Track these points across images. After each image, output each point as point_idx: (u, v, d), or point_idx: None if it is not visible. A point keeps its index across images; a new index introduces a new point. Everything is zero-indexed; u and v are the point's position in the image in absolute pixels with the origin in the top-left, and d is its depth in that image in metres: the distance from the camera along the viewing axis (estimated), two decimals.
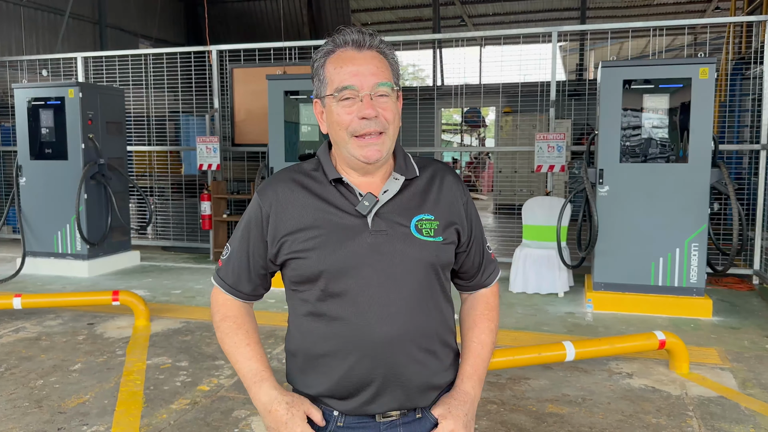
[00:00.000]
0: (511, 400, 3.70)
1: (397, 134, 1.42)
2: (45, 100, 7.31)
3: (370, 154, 1.37)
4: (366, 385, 1.38)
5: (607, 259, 5.65)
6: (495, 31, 9.33)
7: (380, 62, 1.39)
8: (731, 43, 10.31)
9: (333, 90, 1.37)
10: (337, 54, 1.39)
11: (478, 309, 1.59)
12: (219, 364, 4.29)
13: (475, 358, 1.52)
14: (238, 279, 1.51)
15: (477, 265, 1.57)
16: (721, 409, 3.57)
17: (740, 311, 5.63)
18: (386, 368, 1.37)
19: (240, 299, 1.53)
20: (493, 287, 1.63)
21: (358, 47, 1.38)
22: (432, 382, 1.44)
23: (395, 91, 1.40)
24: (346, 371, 1.38)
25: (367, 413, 1.41)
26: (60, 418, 3.46)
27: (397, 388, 1.39)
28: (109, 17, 14.79)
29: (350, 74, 1.36)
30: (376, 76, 1.36)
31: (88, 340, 4.85)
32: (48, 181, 7.35)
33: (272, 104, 6.77)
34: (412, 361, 1.39)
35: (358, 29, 1.39)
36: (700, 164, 5.36)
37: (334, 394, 1.41)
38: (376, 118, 1.36)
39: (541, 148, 7.06)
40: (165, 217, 9.35)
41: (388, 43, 1.43)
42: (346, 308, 1.37)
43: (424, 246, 1.40)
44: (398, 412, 1.42)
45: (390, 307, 1.37)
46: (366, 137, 1.36)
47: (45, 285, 6.82)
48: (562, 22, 19.81)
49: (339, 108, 1.37)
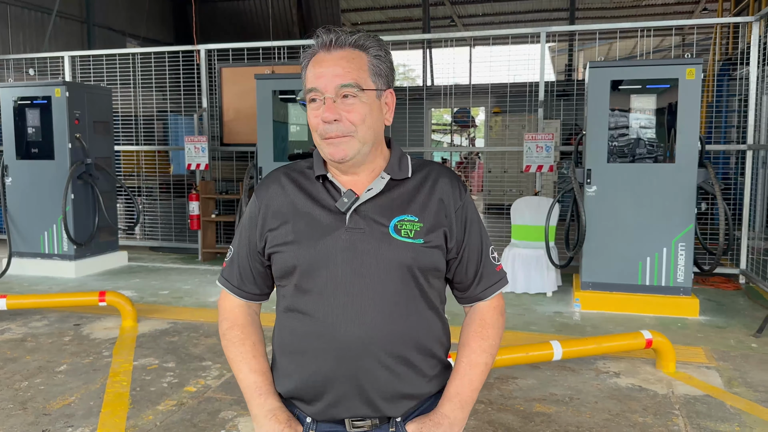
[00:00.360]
0: (499, 399, 3.70)
1: (373, 136, 1.39)
2: (31, 100, 7.24)
3: (334, 153, 1.36)
4: (328, 387, 1.36)
5: (594, 259, 5.67)
6: (484, 32, 9.35)
7: (350, 62, 1.35)
8: (718, 44, 10.39)
9: (305, 92, 1.39)
10: (315, 56, 1.39)
11: (471, 326, 1.51)
12: (206, 365, 4.27)
13: (460, 379, 1.44)
14: (242, 279, 1.51)
15: (472, 275, 1.49)
16: (707, 407, 3.59)
17: (727, 310, 5.67)
18: (349, 371, 1.34)
19: (246, 299, 1.54)
20: (492, 301, 1.52)
21: (328, 48, 1.37)
22: (402, 391, 1.39)
23: (369, 91, 1.36)
24: (311, 371, 1.37)
25: (334, 418, 1.39)
26: (45, 420, 3.43)
27: (359, 392, 1.36)
28: (97, 16, 14.69)
29: (316, 76, 1.36)
30: (340, 77, 1.34)
31: (75, 341, 4.82)
32: (34, 181, 7.29)
33: (261, 104, 6.75)
34: (379, 366, 1.35)
35: (331, 29, 1.37)
36: (687, 164, 5.39)
37: (299, 394, 1.41)
38: (336, 121, 1.34)
39: (530, 148, 7.08)
40: (153, 218, 9.30)
41: (379, 40, 1.39)
42: (315, 305, 1.36)
43: (401, 247, 1.36)
44: (369, 422, 1.39)
45: (358, 308, 1.34)
46: (329, 138, 1.36)
47: (31, 286, 6.76)
48: (551, 22, 19.88)
49: (309, 111, 1.39)
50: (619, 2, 18.76)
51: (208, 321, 5.32)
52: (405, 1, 19.41)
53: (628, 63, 6.05)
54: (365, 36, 1.37)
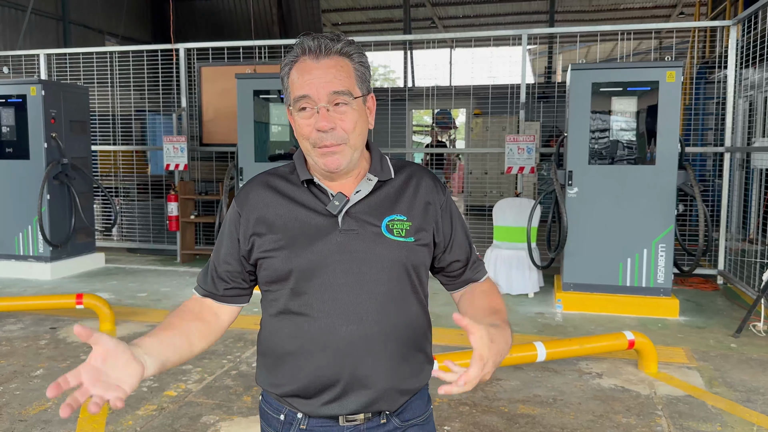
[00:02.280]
0: (483, 401, 3.70)
1: (362, 141, 1.41)
2: (6, 98, 7.09)
3: (330, 163, 1.36)
4: (331, 385, 1.38)
5: (576, 260, 5.70)
6: (466, 33, 9.36)
7: (339, 70, 1.35)
8: (696, 48, 10.53)
9: (292, 100, 1.37)
10: (299, 62, 1.37)
11: (476, 293, 1.53)
12: (186, 369, 4.20)
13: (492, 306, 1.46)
14: (212, 281, 1.49)
15: (464, 260, 1.54)
16: (688, 407, 3.61)
17: (706, 311, 5.73)
18: (351, 368, 1.36)
19: (217, 301, 1.49)
20: (488, 282, 1.58)
21: (316, 57, 1.35)
22: (400, 387, 1.42)
23: (358, 98, 1.37)
24: (312, 370, 1.37)
25: (330, 414, 1.40)
26: (20, 426, 3.35)
27: (362, 389, 1.38)
28: (73, 14, 14.45)
29: (305, 84, 1.34)
30: (332, 84, 1.33)
31: (51, 344, 4.71)
32: (9, 181, 7.14)
33: (242, 104, 6.67)
34: (379, 362, 1.38)
35: (317, 36, 1.36)
36: (667, 166, 5.44)
37: (300, 393, 1.40)
38: (332, 130, 1.34)
39: (512, 149, 7.10)
40: (131, 218, 9.16)
41: (357, 45, 1.39)
42: (313, 307, 1.37)
43: (394, 246, 1.39)
44: (363, 416, 1.41)
45: (356, 306, 1.36)
46: (325, 147, 1.35)
47: (5, 288, 6.62)
48: (531, 25, 20.00)
49: (299, 119, 1.37)
50: (597, 6, 18.94)
51: None
52: (386, 2, 19.39)
53: (610, 65, 6.10)
54: (347, 42, 1.37)
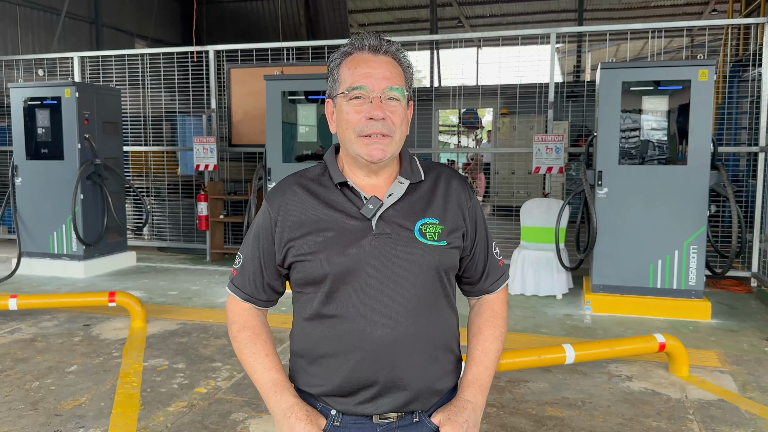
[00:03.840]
0: (511, 403, 3.68)
1: (403, 139, 1.45)
2: (41, 100, 7.26)
3: (374, 153, 1.39)
4: (368, 386, 1.39)
5: (605, 262, 5.64)
6: (493, 32, 9.31)
7: (394, 68, 1.42)
8: (729, 45, 10.33)
9: (344, 89, 1.40)
10: (353, 56, 1.42)
11: (483, 316, 1.59)
12: (216, 366, 4.26)
13: (477, 366, 1.52)
14: (254, 287, 1.52)
15: (481, 270, 1.58)
16: (721, 412, 3.55)
17: (739, 314, 5.62)
18: (388, 371, 1.38)
19: (257, 306, 1.54)
20: (499, 294, 1.62)
21: (374, 51, 1.41)
22: (433, 387, 1.44)
23: (406, 98, 1.43)
24: (349, 371, 1.39)
25: (364, 413, 1.42)
26: (56, 421, 3.43)
27: (398, 390, 1.40)
28: (105, 17, 14.73)
29: (363, 75, 1.39)
30: (388, 80, 1.39)
31: (84, 341, 4.82)
32: (44, 181, 7.31)
33: (270, 105, 6.73)
34: (413, 364, 1.40)
35: (377, 35, 1.42)
36: (699, 166, 5.35)
37: (336, 392, 1.42)
38: (383, 120, 1.38)
39: (540, 149, 7.05)
40: (161, 218, 9.31)
41: (405, 51, 1.45)
42: (349, 310, 1.39)
43: (428, 250, 1.42)
44: (396, 414, 1.43)
45: (391, 310, 1.38)
46: (372, 136, 1.38)
47: (40, 286, 6.78)
48: (559, 23, 19.83)
49: (348, 107, 1.40)
50: (627, 3, 18.68)
51: (218, 322, 5.31)
52: (412, 2, 19.38)
53: (641, 64, 6.01)
54: (400, 47, 1.44)
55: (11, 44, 12.31)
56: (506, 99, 10.77)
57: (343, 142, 1.44)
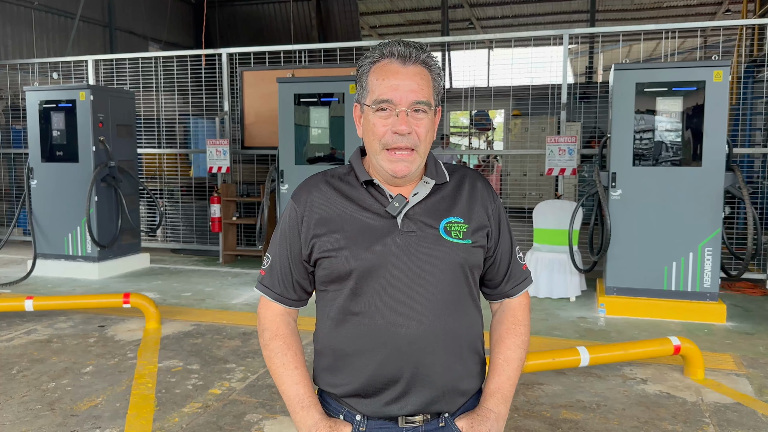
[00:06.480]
0: (525, 405, 3.67)
1: (428, 150, 1.45)
2: (56, 103, 7.33)
3: (399, 170, 1.40)
4: (393, 384, 1.40)
5: (619, 264, 5.61)
6: (505, 34, 9.30)
7: (422, 79, 1.40)
8: (743, 46, 10.25)
9: (371, 101, 1.40)
10: (382, 64, 1.41)
11: (505, 324, 1.58)
12: (230, 368, 4.28)
13: (499, 375, 1.51)
14: (284, 286, 1.52)
15: (503, 272, 1.57)
16: (737, 416, 3.52)
17: (754, 317, 5.57)
18: (413, 367, 1.39)
19: (287, 306, 1.54)
20: (521, 299, 1.61)
21: (403, 61, 1.40)
22: (458, 387, 1.45)
23: (432, 109, 1.42)
24: (374, 369, 1.40)
25: (389, 415, 1.42)
26: (72, 421, 3.46)
27: (423, 388, 1.40)
28: (119, 20, 14.85)
29: (390, 88, 1.38)
30: (416, 93, 1.38)
31: (99, 342, 4.85)
32: (59, 183, 7.37)
33: (283, 107, 6.76)
34: (438, 362, 1.41)
35: (407, 42, 1.41)
36: (714, 167, 5.31)
37: (360, 392, 1.42)
38: (409, 134, 1.38)
39: (552, 151, 7.02)
40: (175, 220, 9.36)
41: (434, 57, 1.44)
42: (374, 307, 1.40)
43: (453, 248, 1.42)
44: (421, 418, 1.43)
45: (417, 306, 1.39)
46: (397, 152, 1.39)
47: (55, 287, 6.84)
48: (571, 24, 19.75)
49: (375, 118, 1.40)
50: (639, 4, 18.58)
51: (231, 323, 5.34)
52: (424, 4, 19.38)
53: (654, 65, 5.97)
54: (430, 54, 1.43)
55: (26, 48, 12.43)
56: (518, 100, 10.74)
57: (369, 151, 1.45)
